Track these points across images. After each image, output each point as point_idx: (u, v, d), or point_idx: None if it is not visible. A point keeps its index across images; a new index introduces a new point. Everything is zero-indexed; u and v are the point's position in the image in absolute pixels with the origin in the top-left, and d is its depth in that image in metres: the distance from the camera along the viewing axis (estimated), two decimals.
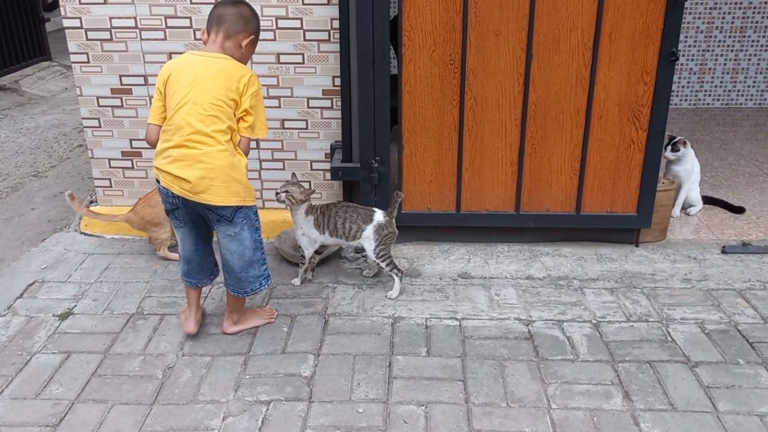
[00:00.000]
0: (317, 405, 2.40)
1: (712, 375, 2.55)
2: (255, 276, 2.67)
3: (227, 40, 2.48)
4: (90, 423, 2.32)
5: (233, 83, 2.42)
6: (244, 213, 2.55)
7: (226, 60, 2.46)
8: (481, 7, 3.04)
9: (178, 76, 2.43)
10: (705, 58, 5.84)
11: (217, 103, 2.40)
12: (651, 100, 3.14)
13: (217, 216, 2.52)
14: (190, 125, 2.40)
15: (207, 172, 2.42)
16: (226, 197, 2.47)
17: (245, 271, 2.64)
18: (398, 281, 3.06)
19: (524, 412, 2.36)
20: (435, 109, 3.21)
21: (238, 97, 2.43)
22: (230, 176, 2.45)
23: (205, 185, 2.43)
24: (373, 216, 3.02)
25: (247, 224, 2.57)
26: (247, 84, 2.44)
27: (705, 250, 3.41)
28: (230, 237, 2.56)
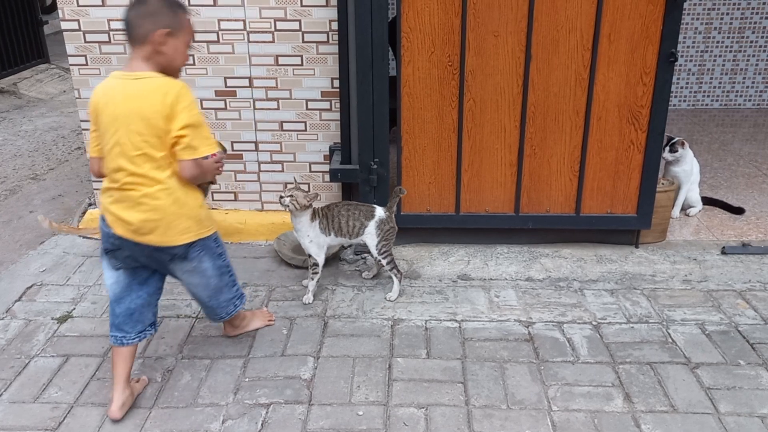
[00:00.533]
0: (317, 408, 2.39)
1: (713, 376, 2.54)
2: (227, 299, 2.54)
3: (141, 47, 2.14)
4: (89, 426, 2.31)
5: (157, 107, 2.09)
6: (201, 244, 2.32)
7: (147, 80, 2.13)
8: (480, 9, 3.03)
9: (104, 110, 2.15)
10: (703, 59, 5.85)
11: (145, 138, 2.11)
12: (650, 101, 3.14)
13: (169, 256, 2.29)
14: (122, 168, 2.15)
15: (150, 213, 2.18)
16: (174, 237, 2.23)
17: (215, 299, 2.50)
18: (397, 282, 3.05)
19: (525, 414, 2.35)
20: (434, 110, 3.20)
21: (165, 121, 2.10)
22: (177, 214, 2.21)
23: (150, 227, 2.20)
24: (374, 212, 3.02)
25: (206, 254, 2.36)
26: (174, 102, 2.09)
27: (705, 251, 3.41)
28: (189, 272, 2.36)
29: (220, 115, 3.56)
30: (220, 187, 3.70)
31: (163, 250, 2.26)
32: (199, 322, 2.91)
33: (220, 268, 2.44)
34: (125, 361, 2.38)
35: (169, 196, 2.19)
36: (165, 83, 2.13)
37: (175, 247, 2.26)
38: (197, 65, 3.45)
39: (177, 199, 2.21)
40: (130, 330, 2.38)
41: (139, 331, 2.40)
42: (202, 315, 2.95)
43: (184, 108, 2.11)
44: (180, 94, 2.11)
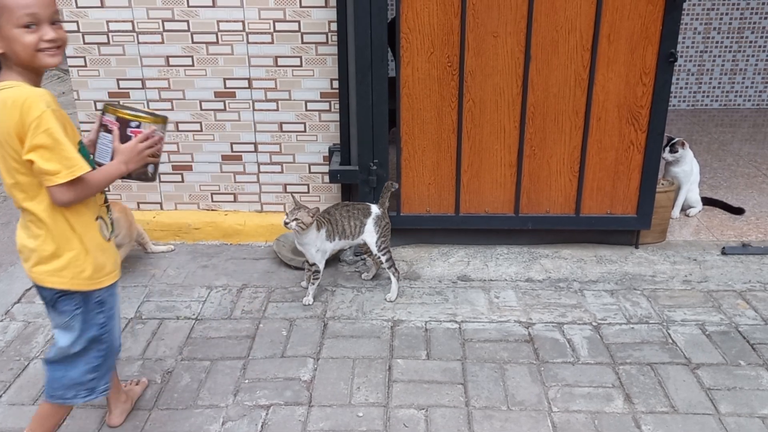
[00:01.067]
0: (317, 409, 2.38)
1: (714, 377, 2.54)
2: (72, 382, 1.94)
3: None
4: (89, 429, 2.30)
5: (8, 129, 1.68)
6: (76, 301, 1.86)
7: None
8: (479, 9, 3.03)
9: None
10: (703, 60, 5.85)
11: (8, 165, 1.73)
12: (650, 101, 3.14)
13: (41, 295, 1.90)
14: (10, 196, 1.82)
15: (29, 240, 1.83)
16: (45, 276, 1.82)
17: (61, 368, 1.93)
18: (396, 282, 3.05)
19: (525, 416, 2.35)
20: (433, 111, 3.20)
21: (18, 140, 1.69)
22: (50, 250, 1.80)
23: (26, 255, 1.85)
24: (370, 209, 3.06)
25: (81, 315, 1.87)
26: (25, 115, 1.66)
27: (705, 252, 3.41)
28: (61, 329, 1.91)
29: (219, 116, 3.55)
30: (219, 188, 3.70)
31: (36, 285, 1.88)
32: (199, 323, 2.90)
33: (90, 341, 1.92)
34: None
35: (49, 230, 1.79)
36: (12, 96, 1.67)
37: (43, 288, 1.86)
38: (196, 66, 3.45)
39: (59, 235, 1.80)
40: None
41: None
42: (202, 316, 2.95)
43: (32, 123, 1.66)
44: (29, 110, 1.65)
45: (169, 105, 3.53)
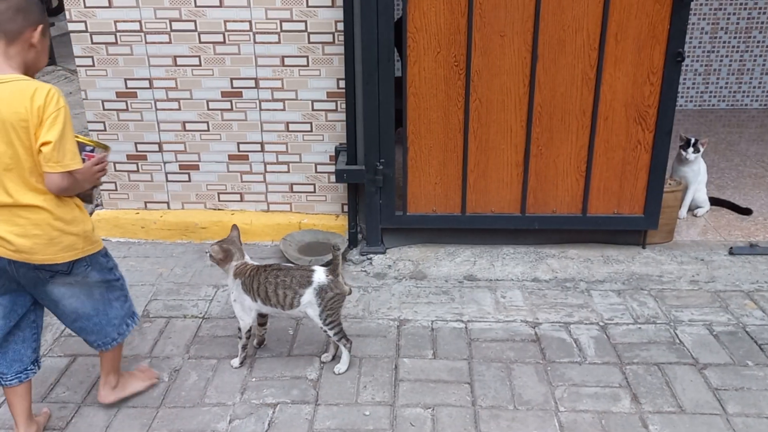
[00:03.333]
0: (323, 408, 2.39)
1: (721, 377, 2.53)
2: (119, 317, 2.27)
3: (11, 46, 1.95)
4: (96, 426, 2.32)
5: (24, 116, 1.89)
6: (87, 261, 2.13)
7: (14, 83, 1.92)
8: (486, 9, 3.03)
9: None
10: (710, 59, 5.82)
11: (13, 151, 1.92)
12: (657, 100, 3.13)
13: (49, 273, 2.08)
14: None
15: (29, 228, 1.99)
16: (56, 254, 2.04)
17: (103, 314, 2.22)
18: (347, 354, 2.58)
19: (532, 415, 2.34)
20: (440, 110, 3.20)
21: (33, 127, 1.90)
22: (59, 231, 2.02)
23: (29, 244, 2.00)
24: (311, 277, 2.46)
25: (94, 269, 2.16)
26: (43, 106, 1.89)
27: (712, 252, 3.39)
28: (70, 285, 2.13)
29: (226, 116, 3.56)
30: (226, 187, 3.71)
31: (43, 268, 2.06)
32: (206, 322, 2.91)
33: (108, 282, 2.23)
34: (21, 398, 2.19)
35: (47, 214, 1.99)
36: (34, 86, 1.92)
37: (56, 265, 2.07)
38: (203, 66, 3.46)
39: (58, 217, 2.02)
40: (8, 369, 2.16)
41: (17, 371, 2.17)
42: (209, 315, 2.95)
43: (50, 115, 1.90)
44: (49, 99, 1.90)
45: (176, 105, 3.54)
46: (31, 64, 2.01)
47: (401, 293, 3.13)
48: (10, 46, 1.95)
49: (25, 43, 1.97)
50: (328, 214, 3.72)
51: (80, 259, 2.11)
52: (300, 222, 3.64)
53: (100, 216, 3.77)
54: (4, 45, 1.94)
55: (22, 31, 1.95)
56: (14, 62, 1.96)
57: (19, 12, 1.94)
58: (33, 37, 1.98)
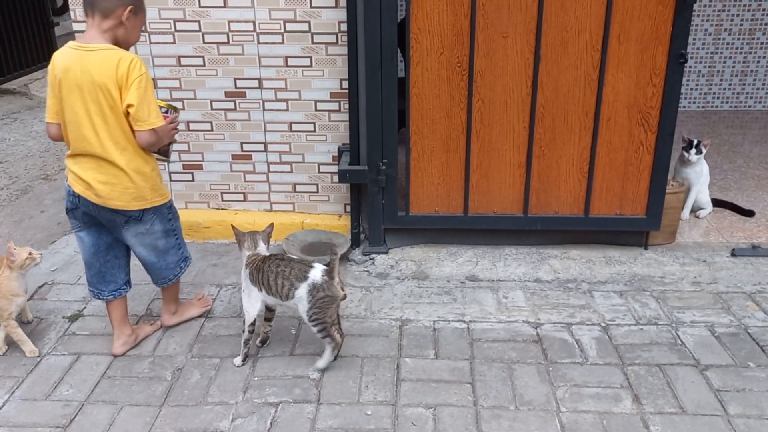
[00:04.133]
0: (325, 407, 2.40)
1: (723, 378, 2.53)
2: (174, 262, 2.70)
3: (105, 20, 2.30)
4: (100, 424, 2.33)
5: (111, 77, 2.26)
6: (153, 210, 2.54)
7: (103, 52, 2.29)
8: (489, 10, 3.04)
9: (64, 79, 2.31)
10: (713, 61, 5.82)
11: (101, 108, 2.30)
12: (660, 102, 3.14)
13: (124, 218, 2.49)
14: (84, 137, 2.35)
15: (109, 177, 2.39)
16: (129, 202, 2.44)
17: (162, 260, 2.67)
18: (329, 351, 2.56)
19: (533, 415, 2.35)
20: (442, 111, 3.21)
21: (119, 91, 2.28)
22: (131, 182, 2.41)
23: (107, 190, 2.40)
24: (308, 273, 2.47)
25: (158, 218, 2.57)
26: (126, 73, 2.27)
27: (714, 253, 3.40)
28: (141, 234, 2.55)
29: (229, 116, 3.58)
30: (229, 187, 3.72)
31: (119, 213, 2.46)
32: (209, 321, 2.93)
33: (167, 231, 2.62)
34: (115, 309, 2.69)
35: (125, 164, 2.38)
36: (119, 55, 2.28)
37: (129, 211, 2.47)
38: (207, 66, 3.47)
39: (130, 168, 2.40)
40: (104, 288, 2.66)
41: (113, 289, 2.67)
42: (212, 314, 2.97)
43: (135, 79, 2.27)
44: (132, 66, 2.27)
45: (180, 105, 3.55)
46: (121, 40, 2.35)
47: (403, 293, 3.14)
48: (104, 21, 2.30)
49: (116, 19, 2.30)
50: (330, 214, 3.73)
51: (149, 208, 2.49)
52: (303, 222, 3.66)
53: None
54: (99, 20, 2.30)
55: (115, 9, 2.29)
56: (106, 36, 2.31)
57: None
58: (123, 15, 2.31)
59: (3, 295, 2.63)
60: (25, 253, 2.67)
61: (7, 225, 3.99)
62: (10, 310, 2.66)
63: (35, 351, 2.71)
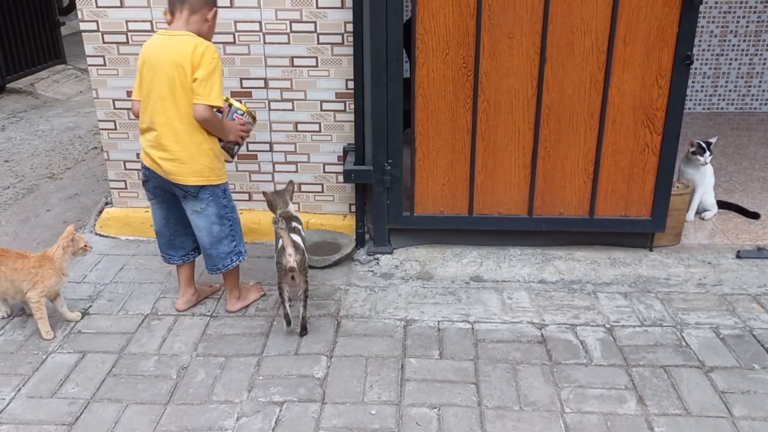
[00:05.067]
0: (330, 406, 2.40)
1: (727, 380, 2.53)
2: (225, 253, 2.82)
3: (193, 15, 2.58)
4: (105, 422, 2.34)
5: (187, 56, 2.50)
6: (210, 191, 2.70)
7: (185, 36, 2.55)
8: (495, 10, 3.04)
9: (148, 59, 2.60)
10: (719, 62, 5.81)
11: (174, 84, 2.53)
12: (666, 103, 3.13)
13: (183, 192, 2.68)
14: (154, 110, 2.59)
15: (169, 153, 2.61)
16: (187, 177, 2.63)
17: (215, 248, 2.80)
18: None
19: (537, 416, 2.35)
20: (448, 112, 3.21)
21: (191, 68, 2.51)
22: (192, 157, 2.62)
23: (168, 165, 2.62)
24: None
25: (213, 201, 2.72)
26: (201, 54, 2.51)
27: (720, 255, 3.39)
28: (197, 212, 2.72)
29: None
30: (234, 186, 3.73)
31: (178, 186, 2.66)
32: (214, 320, 2.94)
33: (222, 217, 2.76)
34: (183, 271, 2.96)
35: (187, 140, 2.59)
36: (198, 40, 2.55)
37: (187, 186, 2.65)
38: None
39: (192, 144, 2.60)
40: (173, 254, 2.92)
41: (182, 255, 2.93)
42: (217, 313, 2.98)
43: (207, 61, 2.51)
44: (207, 50, 2.53)
45: None
46: (204, 36, 2.60)
47: (408, 293, 3.14)
48: (191, 16, 2.57)
49: (202, 17, 2.59)
50: (335, 214, 3.74)
51: (206, 186, 2.67)
52: (308, 222, 3.66)
53: (109, 214, 3.80)
54: (188, 14, 2.57)
55: (202, 7, 2.58)
56: (191, 28, 2.57)
57: None
58: (209, 13, 2.61)
59: (56, 272, 2.82)
60: (82, 242, 2.89)
61: (13, 223, 4.01)
62: (56, 287, 2.84)
63: (51, 333, 2.82)
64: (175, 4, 2.59)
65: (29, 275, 2.76)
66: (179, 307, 2.97)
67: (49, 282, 2.80)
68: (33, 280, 2.76)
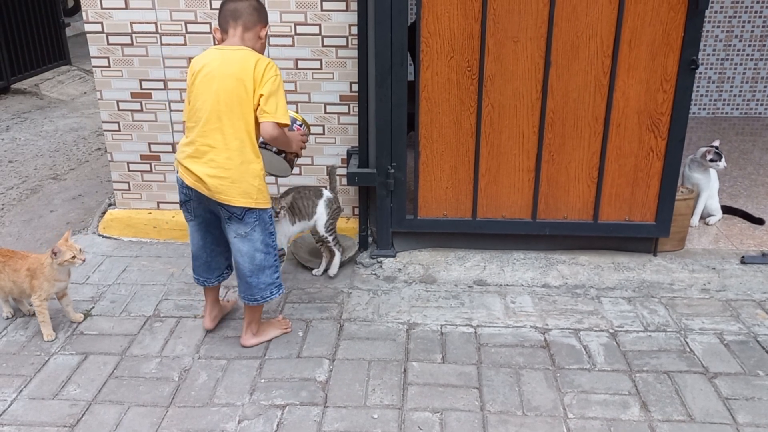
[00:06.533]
0: (332, 410, 2.39)
1: (731, 386, 2.52)
2: (266, 284, 2.63)
3: (247, 32, 2.50)
4: (107, 424, 2.33)
5: (249, 72, 2.41)
6: (257, 214, 2.54)
7: (243, 52, 2.46)
8: (500, 14, 3.04)
9: (201, 72, 2.47)
10: (724, 67, 5.80)
11: (232, 97, 2.42)
12: (670, 108, 3.12)
13: (228, 213, 2.52)
14: (207, 121, 2.44)
15: (218, 171, 2.46)
16: (235, 197, 2.48)
17: (255, 277, 2.60)
18: (339, 256, 3.27)
19: (540, 421, 2.34)
20: (452, 115, 3.21)
21: (253, 85, 2.41)
22: (241, 177, 2.47)
23: (216, 183, 2.46)
24: (322, 191, 3.19)
25: (260, 226, 2.55)
26: (263, 71, 2.42)
27: (724, 260, 3.38)
28: (240, 237, 2.55)
29: None
30: None
31: (223, 206, 2.51)
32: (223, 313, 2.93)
33: (267, 245, 2.61)
34: (212, 292, 2.83)
35: (239, 157, 2.46)
36: (257, 55, 2.48)
37: (233, 207, 2.50)
38: None
39: (243, 162, 2.47)
40: (209, 276, 2.79)
41: (217, 276, 2.81)
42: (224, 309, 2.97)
43: (270, 78, 2.43)
44: (269, 66, 2.45)
45: None
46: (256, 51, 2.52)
47: (411, 297, 3.13)
48: (245, 32, 2.51)
49: (255, 34, 2.53)
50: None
51: (252, 210, 2.52)
52: None
53: (113, 215, 3.81)
54: (242, 31, 2.50)
55: (256, 24, 2.52)
56: (245, 45, 2.50)
57: (255, 10, 2.52)
58: (262, 31, 2.55)
59: (47, 278, 2.76)
60: (70, 253, 2.73)
61: (16, 224, 4.01)
62: (50, 291, 2.79)
63: (52, 335, 2.81)
64: (228, 22, 2.51)
65: (27, 278, 2.77)
66: (206, 326, 2.84)
67: (43, 288, 2.77)
68: (31, 284, 2.77)
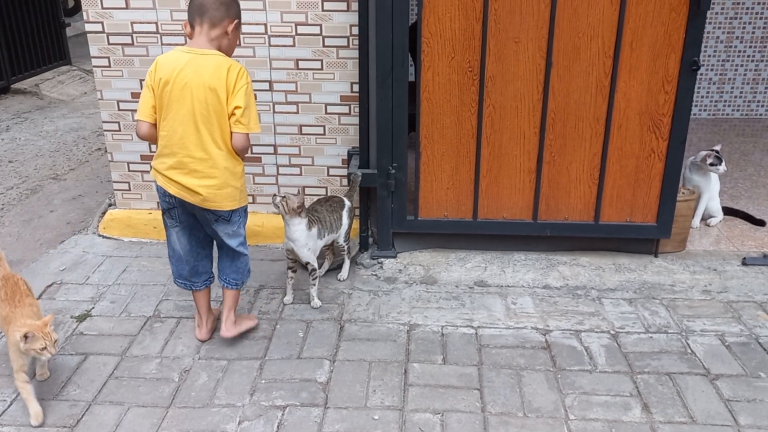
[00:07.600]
0: (333, 411, 2.39)
1: (733, 388, 2.51)
2: (245, 269, 2.78)
3: (213, 29, 2.43)
4: (107, 425, 2.33)
5: (222, 81, 2.38)
6: (240, 212, 2.65)
7: (215, 57, 2.42)
8: (501, 15, 3.03)
9: (171, 79, 2.39)
10: (725, 68, 5.79)
11: (208, 108, 2.40)
12: (672, 109, 3.12)
13: (215, 216, 2.58)
14: (185, 133, 2.42)
15: (206, 180, 2.48)
16: (222, 202, 2.53)
17: (235, 266, 2.75)
18: (348, 261, 3.31)
19: (541, 423, 2.33)
20: (453, 116, 3.20)
21: (226, 94, 2.40)
22: (225, 182, 2.50)
23: (207, 191, 2.48)
24: (344, 202, 3.24)
25: (242, 221, 2.68)
26: (235, 79, 2.40)
27: (725, 262, 3.37)
28: (228, 235, 2.64)
29: None
30: None
31: (211, 212, 2.55)
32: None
33: (243, 236, 2.72)
34: (204, 296, 2.80)
35: (222, 163, 2.48)
36: (230, 62, 2.43)
37: (221, 211, 2.55)
38: None
39: (227, 168, 2.49)
40: (198, 280, 2.76)
41: (204, 279, 2.79)
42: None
43: (242, 87, 2.41)
44: (240, 74, 2.42)
45: None
46: (224, 49, 2.47)
47: (411, 298, 3.13)
48: (212, 29, 2.43)
49: (222, 30, 2.44)
50: None
51: (237, 209, 2.59)
52: None
53: (113, 215, 3.80)
54: (208, 28, 2.42)
55: (223, 19, 2.43)
56: (213, 44, 2.44)
57: (223, 4, 2.43)
58: (229, 27, 2.45)
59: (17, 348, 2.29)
60: (41, 344, 2.26)
61: (16, 224, 4.00)
62: (20, 362, 2.33)
63: (39, 414, 2.31)
64: (194, 17, 2.44)
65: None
66: (203, 337, 2.80)
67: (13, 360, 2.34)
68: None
